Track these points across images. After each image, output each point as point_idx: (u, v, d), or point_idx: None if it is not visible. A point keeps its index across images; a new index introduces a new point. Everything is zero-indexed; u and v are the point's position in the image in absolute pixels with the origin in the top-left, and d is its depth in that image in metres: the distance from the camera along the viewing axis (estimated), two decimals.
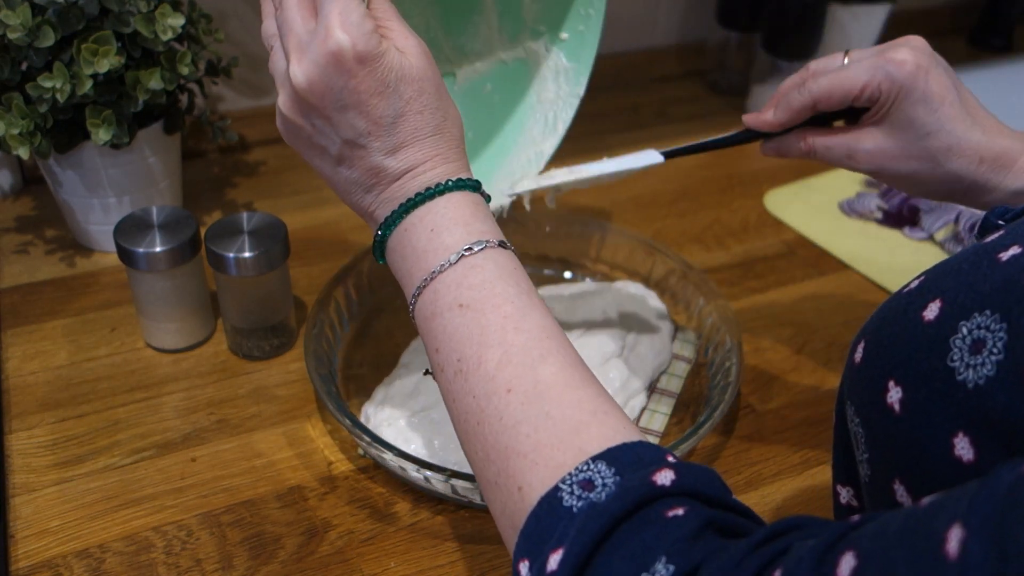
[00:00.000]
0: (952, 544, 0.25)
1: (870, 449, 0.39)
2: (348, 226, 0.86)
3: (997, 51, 1.32)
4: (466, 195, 0.46)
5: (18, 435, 0.63)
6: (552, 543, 0.35)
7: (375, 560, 0.56)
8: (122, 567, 0.55)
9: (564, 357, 0.42)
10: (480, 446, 0.41)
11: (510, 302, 0.43)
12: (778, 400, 0.70)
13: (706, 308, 0.73)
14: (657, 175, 0.98)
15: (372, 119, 0.45)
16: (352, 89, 0.44)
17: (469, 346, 0.42)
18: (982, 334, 0.34)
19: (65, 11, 0.66)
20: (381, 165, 0.46)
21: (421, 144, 0.46)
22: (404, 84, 0.45)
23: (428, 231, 0.45)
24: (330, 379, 0.64)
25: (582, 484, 0.36)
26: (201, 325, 0.71)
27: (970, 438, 0.33)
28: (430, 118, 0.46)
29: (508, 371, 0.41)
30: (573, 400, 0.40)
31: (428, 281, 0.44)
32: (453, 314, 0.43)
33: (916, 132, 0.54)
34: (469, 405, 0.42)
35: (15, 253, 0.80)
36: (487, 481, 0.41)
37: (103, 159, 0.74)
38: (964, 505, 0.26)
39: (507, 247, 0.45)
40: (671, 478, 0.35)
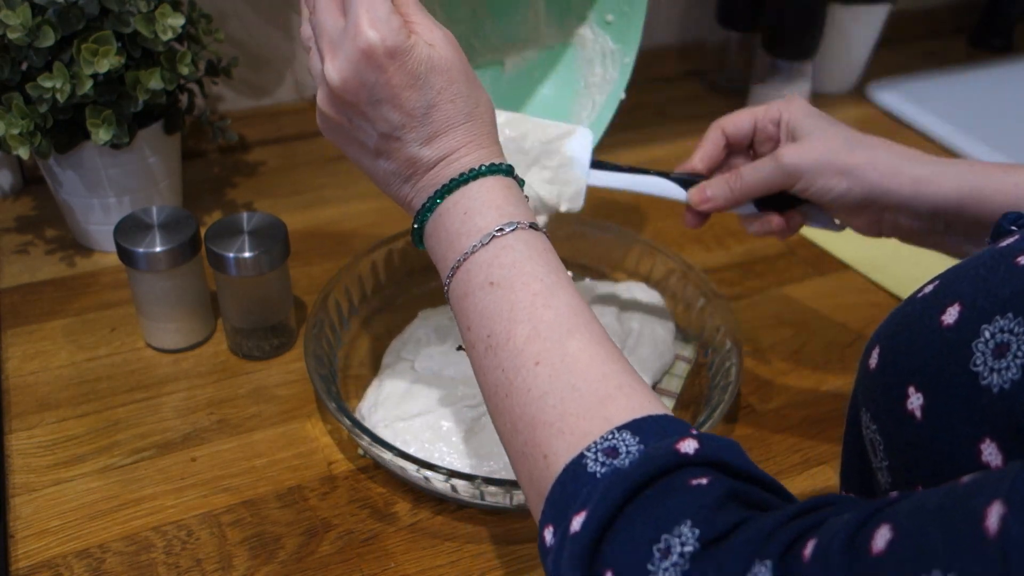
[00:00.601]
0: (992, 520, 0.25)
1: (890, 456, 0.39)
2: (348, 226, 0.86)
3: (997, 51, 1.32)
4: (499, 179, 0.48)
5: (18, 435, 0.63)
6: (576, 507, 0.36)
7: (375, 560, 0.56)
8: (122, 567, 0.55)
9: (591, 333, 0.42)
10: (508, 418, 0.42)
11: (539, 280, 0.44)
12: (778, 400, 0.70)
13: (706, 308, 0.73)
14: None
15: (406, 111, 0.46)
16: (384, 83, 0.45)
17: (499, 322, 0.43)
18: (1006, 338, 0.33)
19: (65, 11, 0.66)
20: (417, 155, 0.47)
21: (454, 132, 0.47)
22: (434, 75, 0.46)
23: (462, 214, 0.46)
24: (330, 379, 0.64)
25: (607, 451, 0.37)
26: (201, 325, 0.71)
27: (997, 444, 0.33)
28: (462, 106, 0.47)
29: (536, 345, 0.42)
30: (599, 374, 0.40)
31: (461, 262, 0.46)
32: (484, 292, 0.44)
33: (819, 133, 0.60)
34: (498, 379, 0.43)
35: (15, 253, 0.80)
36: (515, 452, 0.42)
37: (103, 159, 0.74)
38: (1006, 484, 0.26)
39: (538, 228, 0.47)
40: (695, 447, 0.36)
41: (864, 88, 1.18)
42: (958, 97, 1.17)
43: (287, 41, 1.00)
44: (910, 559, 0.27)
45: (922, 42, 1.33)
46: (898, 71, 1.21)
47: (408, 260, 0.78)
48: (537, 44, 0.70)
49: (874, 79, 1.18)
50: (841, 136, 0.59)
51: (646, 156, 0.99)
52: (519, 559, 0.57)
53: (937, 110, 1.11)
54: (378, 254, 0.76)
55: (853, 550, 0.29)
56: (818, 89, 1.13)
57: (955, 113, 1.11)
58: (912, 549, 0.27)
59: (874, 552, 0.28)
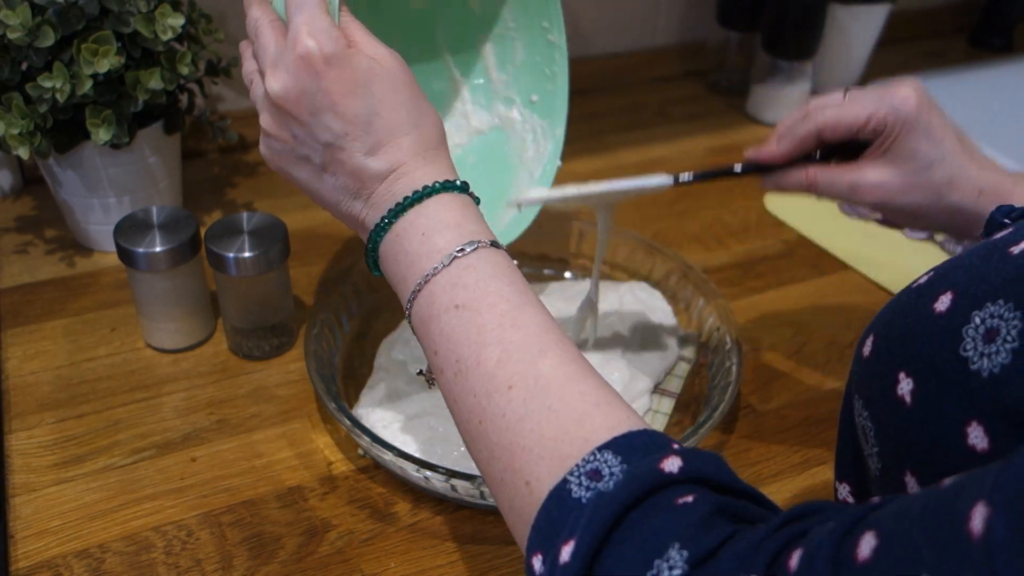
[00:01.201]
0: (976, 522, 0.25)
1: (880, 442, 0.39)
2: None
3: (997, 51, 1.32)
4: (455, 196, 0.47)
5: (18, 435, 0.63)
6: (563, 535, 0.35)
7: (375, 560, 0.56)
8: (122, 567, 0.55)
9: (563, 351, 0.42)
10: (484, 445, 0.41)
11: (506, 300, 0.43)
12: (778, 400, 0.70)
13: (706, 308, 0.73)
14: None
15: (347, 119, 0.46)
16: (324, 91, 0.45)
17: (467, 346, 0.42)
18: (996, 323, 0.34)
19: (65, 11, 0.66)
20: (363, 166, 0.47)
21: (399, 142, 0.47)
22: (375, 83, 0.46)
23: (420, 235, 0.46)
24: (330, 379, 0.64)
25: (589, 474, 0.36)
26: (201, 325, 0.71)
27: (984, 427, 0.33)
28: (406, 115, 0.47)
29: (508, 368, 0.41)
30: (575, 393, 0.40)
31: (422, 285, 0.45)
32: (450, 315, 0.43)
33: (919, 164, 0.55)
34: (471, 405, 0.42)
35: (15, 253, 0.80)
36: (494, 479, 0.41)
37: (103, 159, 0.74)
38: (988, 484, 0.26)
39: (499, 246, 0.46)
40: (678, 465, 0.35)
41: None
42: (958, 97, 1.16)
43: None
44: (896, 565, 0.27)
45: (922, 42, 1.33)
46: (898, 71, 1.21)
47: None
48: (467, 132, 0.71)
49: (874, 79, 1.18)
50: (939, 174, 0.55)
51: (646, 156, 1.00)
52: (519, 559, 0.57)
53: None
54: None
55: (838, 560, 0.29)
56: (818, 89, 1.13)
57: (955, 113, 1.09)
58: (897, 554, 0.27)
59: (859, 560, 0.28)
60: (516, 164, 0.70)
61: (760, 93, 1.08)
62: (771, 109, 1.08)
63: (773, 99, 1.08)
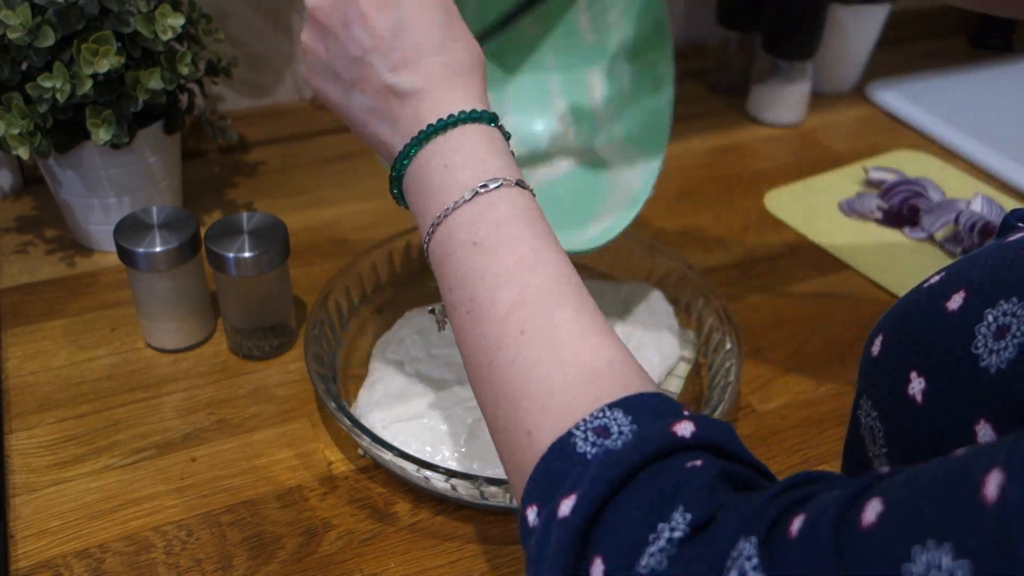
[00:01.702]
0: (991, 488, 0.24)
1: (890, 443, 0.39)
2: (348, 226, 0.86)
3: (997, 51, 1.32)
4: (481, 129, 0.45)
5: (18, 435, 0.63)
6: (564, 489, 0.34)
7: (375, 560, 0.56)
8: (122, 567, 0.55)
9: (581, 303, 0.40)
10: (490, 389, 0.40)
11: (526, 243, 0.42)
12: (778, 400, 0.70)
13: (706, 308, 0.73)
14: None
15: (375, 33, 0.45)
16: (355, 2, 0.45)
17: (482, 286, 0.41)
18: (1007, 320, 0.33)
19: (65, 11, 0.66)
20: (387, 83, 0.46)
21: (427, 62, 0.46)
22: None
23: (442, 167, 0.44)
24: (330, 379, 0.64)
25: (597, 431, 0.35)
26: (201, 325, 0.71)
27: (992, 424, 0.32)
28: (436, 34, 0.46)
29: (521, 313, 0.39)
30: (589, 348, 0.38)
31: (442, 219, 0.43)
32: (467, 253, 0.42)
33: None
34: (480, 346, 0.40)
35: (15, 253, 0.80)
36: (496, 427, 0.40)
37: (103, 159, 0.74)
38: (1004, 452, 0.25)
39: (524, 186, 0.44)
40: (691, 430, 0.34)
41: (864, 88, 1.17)
42: (958, 97, 1.17)
43: (287, 41, 1.00)
44: (902, 530, 0.26)
45: (922, 42, 1.33)
46: (898, 71, 1.21)
47: (408, 260, 0.78)
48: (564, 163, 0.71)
49: (874, 79, 1.18)
50: None
51: None
52: (519, 559, 0.57)
53: (937, 110, 1.11)
54: (378, 254, 0.76)
55: (841, 524, 0.28)
56: (818, 89, 1.13)
57: (955, 113, 1.11)
58: (902, 520, 0.26)
59: (864, 525, 0.27)
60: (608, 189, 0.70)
61: (760, 93, 1.08)
62: (771, 109, 1.08)
63: (773, 99, 1.08)
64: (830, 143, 1.07)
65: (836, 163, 1.02)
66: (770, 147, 1.06)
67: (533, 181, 0.70)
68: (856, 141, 1.07)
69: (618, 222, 0.67)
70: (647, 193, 0.67)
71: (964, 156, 1.04)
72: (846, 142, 1.07)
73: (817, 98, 1.12)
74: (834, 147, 1.06)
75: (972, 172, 1.02)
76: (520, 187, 0.44)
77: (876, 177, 0.96)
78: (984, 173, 1.02)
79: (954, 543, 0.24)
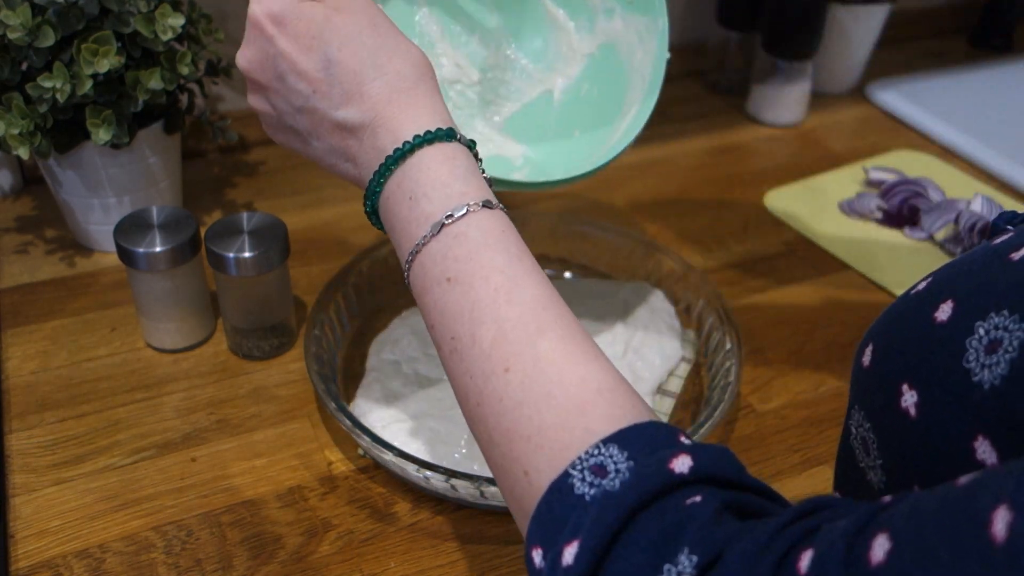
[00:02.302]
0: (999, 527, 0.24)
1: (884, 455, 0.38)
2: (348, 226, 0.86)
3: (997, 51, 1.32)
4: (440, 148, 0.43)
5: (18, 435, 0.63)
6: (566, 534, 0.33)
7: (375, 560, 0.56)
8: (122, 567, 0.55)
9: (564, 329, 0.39)
10: (483, 427, 0.39)
11: (500, 272, 0.40)
12: (778, 400, 0.70)
13: (706, 308, 0.73)
14: (657, 175, 0.98)
15: (309, 76, 0.44)
16: (281, 53, 0.44)
17: (461, 323, 0.40)
18: (999, 334, 0.33)
19: (65, 11, 0.66)
20: (338, 121, 0.45)
21: (368, 89, 0.44)
22: (329, 31, 0.44)
23: (407, 199, 0.43)
24: (330, 379, 0.64)
25: (593, 469, 0.34)
26: (201, 325, 0.71)
27: (990, 441, 0.32)
28: (367, 58, 0.44)
29: (504, 348, 0.38)
30: (575, 377, 0.37)
31: (414, 255, 0.43)
32: (442, 289, 0.41)
33: None
34: (467, 385, 0.40)
35: (15, 253, 0.80)
36: (494, 463, 0.39)
37: (103, 159, 0.74)
38: (1011, 485, 0.24)
39: (493, 206, 0.42)
40: (688, 465, 0.34)
41: (864, 88, 1.18)
42: (958, 97, 1.17)
43: None
44: (912, 569, 0.26)
45: (922, 42, 1.33)
46: (898, 71, 1.21)
47: None
48: (578, 60, 0.70)
49: (874, 79, 1.18)
50: None
51: (646, 156, 1.00)
52: (519, 559, 0.57)
53: (937, 110, 1.11)
54: (378, 254, 0.76)
55: (850, 562, 0.27)
56: (818, 89, 1.13)
57: (955, 113, 1.11)
58: (913, 557, 0.26)
59: (873, 563, 0.27)
60: (628, 73, 0.68)
61: (760, 93, 1.08)
62: (771, 109, 1.08)
63: (773, 99, 1.08)
64: (830, 143, 1.07)
65: (836, 163, 1.02)
66: (770, 147, 1.06)
67: (556, 92, 0.70)
68: (856, 141, 1.07)
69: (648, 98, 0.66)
70: (664, 58, 0.66)
71: (964, 156, 1.04)
72: (846, 142, 1.07)
73: (817, 98, 1.12)
74: (834, 147, 1.06)
75: (972, 172, 1.02)
76: (487, 208, 0.42)
77: (876, 177, 0.96)
78: (984, 173, 1.02)
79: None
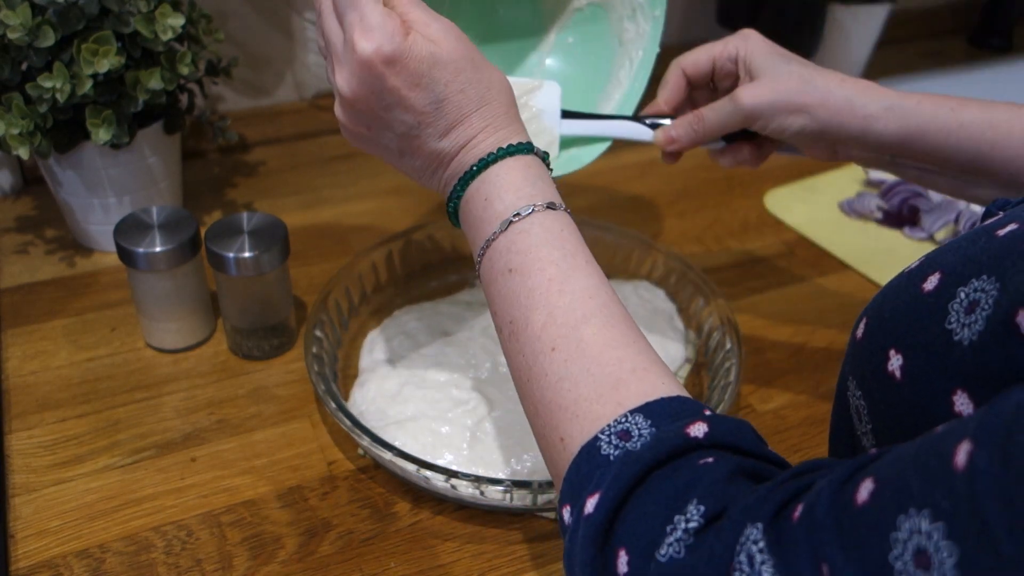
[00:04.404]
0: (960, 456, 0.27)
1: (873, 420, 0.41)
2: (348, 226, 0.86)
3: (997, 51, 1.32)
4: (518, 160, 0.48)
5: (18, 435, 0.63)
6: (590, 488, 0.37)
7: (375, 560, 0.56)
8: (122, 567, 0.55)
9: (607, 317, 0.43)
10: (530, 401, 0.44)
11: (554, 265, 0.45)
12: (778, 400, 0.70)
13: (706, 308, 0.73)
14: (657, 175, 0.98)
15: (417, 111, 0.47)
16: (390, 89, 0.46)
17: (518, 309, 0.45)
18: (977, 295, 0.36)
19: (65, 11, 0.66)
20: (437, 148, 0.49)
21: (469, 120, 0.48)
22: (438, 70, 0.47)
23: (483, 200, 0.48)
24: (330, 379, 0.64)
25: (620, 435, 0.38)
26: (201, 325, 0.71)
27: (968, 394, 0.35)
28: (472, 94, 0.48)
29: (552, 331, 0.43)
30: (613, 358, 0.42)
31: (484, 250, 0.47)
32: (504, 279, 0.46)
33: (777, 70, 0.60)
34: (520, 364, 0.44)
35: (15, 253, 0.80)
36: (538, 434, 0.43)
37: (103, 159, 0.74)
38: (973, 425, 0.27)
39: (556, 207, 0.47)
40: (704, 430, 0.37)
41: None
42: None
43: (287, 41, 1.01)
44: (889, 503, 0.29)
45: (922, 42, 1.33)
46: (898, 71, 1.21)
47: (408, 260, 0.78)
48: (565, 13, 0.70)
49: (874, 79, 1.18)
50: (796, 75, 0.60)
51: (646, 156, 1.00)
52: (519, 559, 0.57)
53: None
54: (378, 254, 0.76)
55: (838, 505, 0.30)
56: None
57: None
58: (891, 494, 0.29)
59: (859, 503, 0.30)
60: (615, 45, 0.69)
61: None
62: None
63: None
64: None
65: (836, 163, 1.02)
66: None
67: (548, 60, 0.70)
68: None
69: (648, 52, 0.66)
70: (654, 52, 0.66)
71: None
72: None
73: None
74: None
75: None
76: (551, 208, 0.47)
77: (876, 177, 0.96)
78: None
79: (931, 508, 0.27)
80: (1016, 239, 0.36)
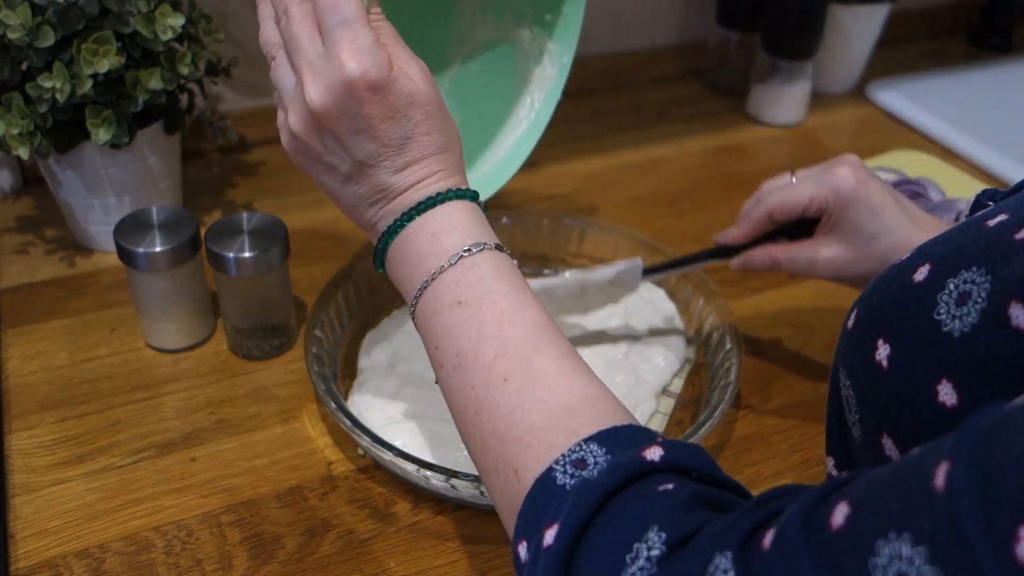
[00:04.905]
0: (939, 478, 0.26)
1: (861, 408, 0.41)
2: (348, 226, 0.86)
3: (997, 51, 1.32)
4: (465, 203, 0.49)
5: (18, 435, 0.63)
6: (547, 520, 0.37)
7: (375, 560, 0.56)
8: (122, 567, 0.55)
9: (557, 348, 0.44)
10: (479, 434, 0.43)
11: (505, 298, 0.45)
12: (778, 400, 0.70)
13: (706, 308, 0.73)
14: (657, 175, 0.98)
15: (383, 142, 0.47)
16: (365, 115, 0.46)
17: (467, 340, 0.44)
18: (968, 287, 0.36)
19: (65, 11, 0.66)
20: (388, 182, 0.48)
21: (426, 161, 0.49)
22: (413, 108, 0.47)
23: (429, 236, 0.48)
24: (330, 379, 0.64)
25: (575, 463, 0.38)
26: (201, 325, 0.71)
27: (953, 383, 0.35)
28: (436, 138, 0.48)
29: (504, 362, 0.43)
30: (565, 387, 0.42)
31: (429, 282, 0.47)
32: (452, 311, 0.45)
33: (864, 236, 0.61)
34: (468, 396, 0.44)
35: (15, 253, 0.80)
36: (486, 468, 0.43)
37: (103, 159, 0.74)
38: (949, 445, 0.27)
39: (503, 250, 0.48)
40: (660, 454, 0.37)
41: (864, 88, 1.18)
42: (958, 97, 1.17)
43: None
44: (867, 526, 0.28)
45: (922, 42, 1.33)
46: (898, 71, 1.21)
47: None
48: (472, 43, 0.69)
49: (874, 79, 1.18)
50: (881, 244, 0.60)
51: (646, 156, 1.00)
52: None
53: (937, 110, 1.11)
54: None
55: (811, 529, 0.30)
56: (818, 89, 1.13)
57: (955, 113, 1.11)
58: (868, 517, 0.28)
59: (834, 528, 0.29)
60: (519, 84, 0.69)
61: (760, 93, 1.08)
62: (771, 109, 1.08)
63: (773, 99, 1.08)
64: (830, 143, 1.07)
65: None
66: (770, 147, 1.06)
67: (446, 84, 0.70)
68: (856, 141, 1.07)
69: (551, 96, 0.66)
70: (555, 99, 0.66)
71: (964, 156, 1.04)
72: (846, 142, 1.07)
73: (817, 98, 1.12)
74: (834, 147, 1.06)
75: (972, 172, 1.02)
76: (499, 250, 0.47)
77: None
78: (984, 173, 1.02)
79: (912, 531, 0.26)
80: (1006, 230, 0.36)
